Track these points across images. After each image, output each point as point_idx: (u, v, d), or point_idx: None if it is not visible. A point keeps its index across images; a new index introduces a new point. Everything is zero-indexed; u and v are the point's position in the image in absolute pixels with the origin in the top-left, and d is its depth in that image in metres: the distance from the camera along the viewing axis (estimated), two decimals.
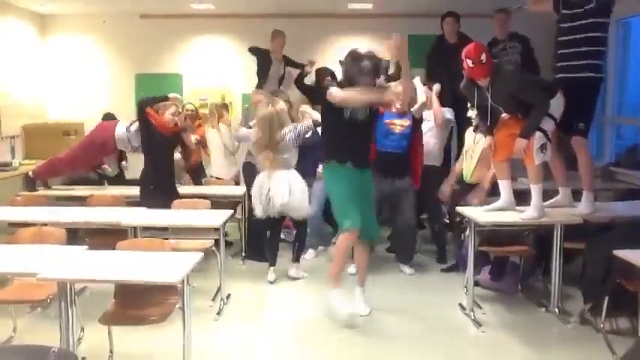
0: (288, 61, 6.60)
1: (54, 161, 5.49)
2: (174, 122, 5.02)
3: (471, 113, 4.91)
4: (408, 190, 5.07)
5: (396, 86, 4.18)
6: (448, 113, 5.43)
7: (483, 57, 3.90)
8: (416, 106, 5.00)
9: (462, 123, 5.65)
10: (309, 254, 5.66)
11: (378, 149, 4.99)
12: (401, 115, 4.97)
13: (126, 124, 5.30)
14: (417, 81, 5.05)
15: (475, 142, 5.02)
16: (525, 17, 5.84)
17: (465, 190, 5.11)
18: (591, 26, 3.88)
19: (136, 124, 5.13)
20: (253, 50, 6.45)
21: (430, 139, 5.33)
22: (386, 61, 4.75)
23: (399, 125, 4.97)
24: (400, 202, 5.08)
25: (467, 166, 5.09)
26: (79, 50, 7.40)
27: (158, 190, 4.87)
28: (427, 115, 5.28)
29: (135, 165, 6.28)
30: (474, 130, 5.04)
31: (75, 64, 7.41)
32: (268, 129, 4.89)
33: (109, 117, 6.03)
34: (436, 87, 5.38)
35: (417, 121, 5.06)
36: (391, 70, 4.51)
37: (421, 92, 5.02)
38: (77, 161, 5.42)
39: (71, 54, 7.41)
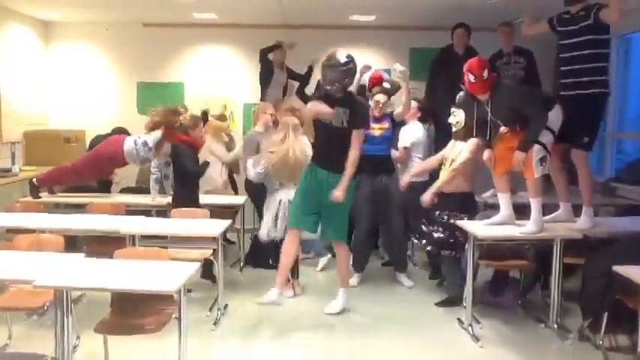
0: (291, 73, 6.58)
1: (61, 169, 5.47)
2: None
3: (452, 119, 4.75)
4: (395, 189, 5.10)
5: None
6: (408, 140, 5.42)
7: (485, 73, 3.90)
8: (398, 110, 5.06)
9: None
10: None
11: (361, 154, 5.01)
12: (378, 119, 5.05)
13: (134, 138, 5.33)
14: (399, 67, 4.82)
15: (452, 149, 4.82)
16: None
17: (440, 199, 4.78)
18: (591, 43, 3.89)
19: (144, 138, 5.23)
20: (263, 54, 6.40)
21: None
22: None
23: (378, 129, 5.04)
24: (387, 204, 5.10)
25: (442, 173, 4.82)
26: (81, 58, 7.41)
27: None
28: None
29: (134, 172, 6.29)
30: (454, 138, 4.82)
31: (77, 71, 7.41)
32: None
33: (118, 132, 5.99)
34: (396, 65, 4.90)
35: (397, 124, 5.18)
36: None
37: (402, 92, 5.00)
38: (85, 172, 5.39)
39: (73, 61, 7.41)
